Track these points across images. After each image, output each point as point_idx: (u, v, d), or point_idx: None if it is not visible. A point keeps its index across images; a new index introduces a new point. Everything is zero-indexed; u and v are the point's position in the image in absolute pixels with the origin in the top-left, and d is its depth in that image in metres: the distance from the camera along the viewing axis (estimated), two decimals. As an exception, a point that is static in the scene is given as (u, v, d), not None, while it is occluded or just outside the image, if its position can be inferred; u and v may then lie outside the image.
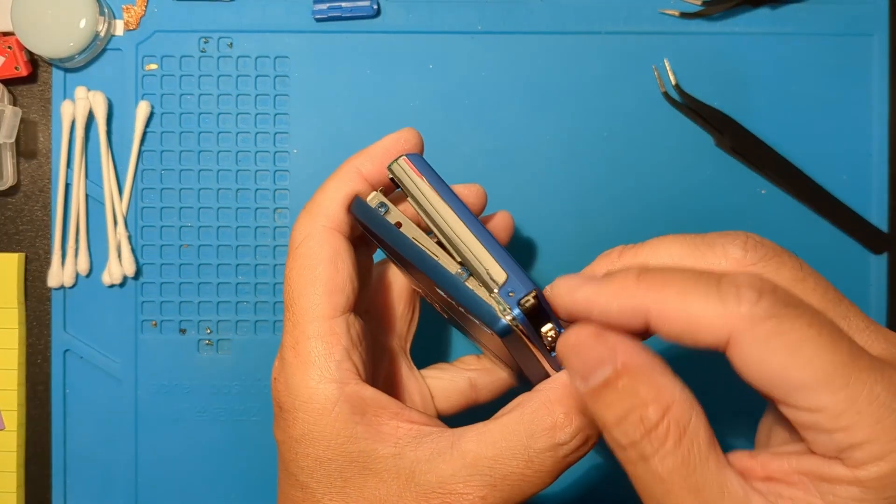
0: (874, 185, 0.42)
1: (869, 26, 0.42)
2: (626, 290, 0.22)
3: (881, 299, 0.42)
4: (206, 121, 0.42)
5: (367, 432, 0.26)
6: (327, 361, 0.26)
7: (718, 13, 0.41)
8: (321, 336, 0.26)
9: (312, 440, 0.26)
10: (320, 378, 0.26)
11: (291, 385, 0.26)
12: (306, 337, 0.26)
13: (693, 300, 0.21)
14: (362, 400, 0.26)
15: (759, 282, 0.21)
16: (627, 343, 0.22)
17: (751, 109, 0.42)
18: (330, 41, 0.42)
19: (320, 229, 0.27)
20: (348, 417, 0.25)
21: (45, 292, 0.42)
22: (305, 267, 0.27)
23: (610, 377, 0.22)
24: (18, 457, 0.42)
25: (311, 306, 0.26)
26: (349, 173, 0.28)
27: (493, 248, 0.26)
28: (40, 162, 0.42)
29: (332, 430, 0.25)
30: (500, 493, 0.25)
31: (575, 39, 0.42)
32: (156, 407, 0.42)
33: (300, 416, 0.26)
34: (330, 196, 0.28)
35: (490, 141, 0.42)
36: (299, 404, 0.26)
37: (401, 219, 0.28)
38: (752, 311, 0.20)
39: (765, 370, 0.20)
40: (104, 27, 0.41)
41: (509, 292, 0.25)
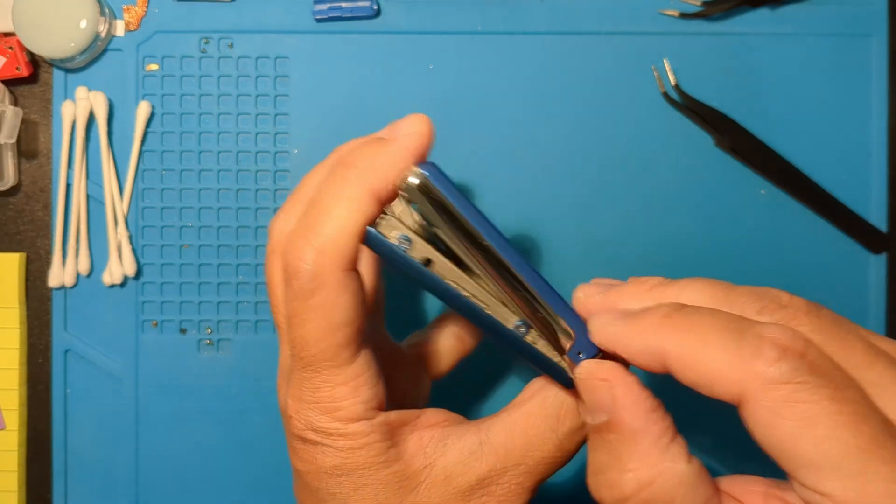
0: (873, 185, 0.42)
1: (868, 27, 0.42)
2: (650, 330, 0.21)
3: (880, 299, 0.42)
4: (207, 121, 0.42)
5: (398, 453, 0.26)
6: (355, 405, 0.25)
7: (718, 13, 0.41)
8: (347, 382, 0.25)
9: (346, 471, 0.25)
10: (349, 418, 0.25)
11: (317, 425, 0.25)
12: (331, 385, 0.25)
13: (711, 350, 0.20)
14: (389, 425, 0.26)
15: (789, 338, 0.19)
16: (632, 395, 0.21)
17: (750, 109, 0.42)
18: (330, 41, 0.42)
19: (339, 275, 0.24)
20: (381, 446, 0.25)
21: (46, 292, 0.42)
22: (326, 319, 0.24)
23: (601, 425, 0.22)
24: (19, 456, 0.42)
25: (334, 356, 0.24)
26: (367, 202, 0.24)
27: (552, 299, 0.24)
28: (41, 162, 0.42)
29: (365, 460, 0.25)
30: (536, 476, 0.26)
31: (575, 39, 0.42)
32: (156, 407, 0.42)
33: (330, 451, 0.25)
34: (341, 227, 0.23)
35: (490, 141, 0.42)
36: (329, 441, 0.25)
37: (430, 254, 0.25)
38: (768, 371, 0.19)
39: (774, 438, 0.19)
40: (105, 28, 0.41)
41: (579, 353, 0.24)
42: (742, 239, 0.42)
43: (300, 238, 0.24)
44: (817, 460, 0.18)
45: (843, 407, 0.18)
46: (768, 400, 0.19)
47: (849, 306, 0.42)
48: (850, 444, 0.18)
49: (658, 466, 0.20)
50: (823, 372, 0.19)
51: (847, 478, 0.18)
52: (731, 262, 0.42)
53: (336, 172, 0.24)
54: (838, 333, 0.20)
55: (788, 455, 0.19)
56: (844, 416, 0.18)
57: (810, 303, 0.21)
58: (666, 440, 0.21)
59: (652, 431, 0.21)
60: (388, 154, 0.24)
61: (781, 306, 0.21)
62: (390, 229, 0.24)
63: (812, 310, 0.21)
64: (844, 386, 0.19)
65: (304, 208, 0.25)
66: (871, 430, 0.18)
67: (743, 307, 0.22)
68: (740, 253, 0.42)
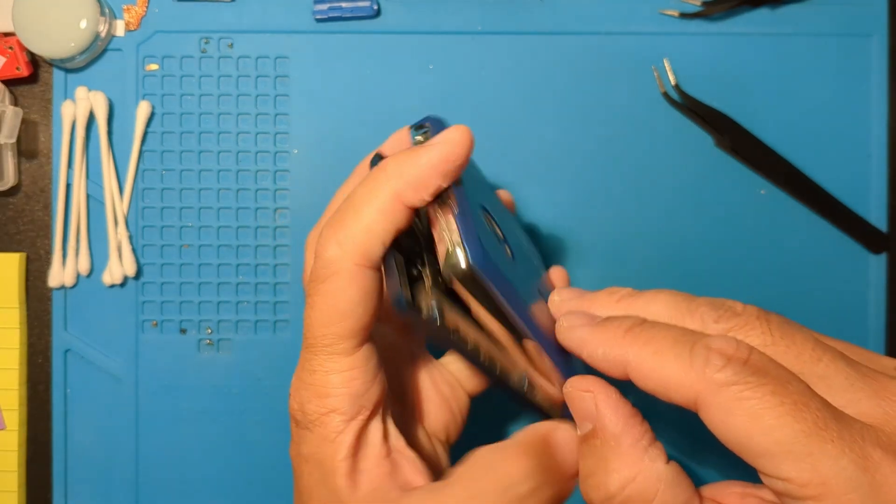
0: (873, 185, 0.42)
1: (868, 26, 0.42)
2: (612, 340, 0.24)
3: (880, 299, 0.42)
4: (207, 121, 0.42)
5: (352, 471, 0.26)
6: (343, 395, 0.26)
7: (718, 13, 0.41)
8: (340, 371, 0.26)
9: (316, 462, 0.26)
10: (334, 408, 0.26)
11: (307, 407, 0.26)
12: (325, 371, 0.26)
13: (666, 361, 0.22)
14: (362, 438, 0.26)
15: (733, 347, 0.22)
16: (611, 403, 0.24)
17: (751, 109, 0.42)
18: (330, 41, 0.42)
19: (352, 267, 0.25)
20: (347, 449, 0.26)
21: (46, 292, 0.42)
22: (331, 306, 0.25)
23: (588, 434, 0.24)
24: (19, 456, 0.42)
25: (334, 343, 0.26)
26: (392, 205, 0.25)
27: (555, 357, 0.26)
28: (41, 162, 0.42)
29: (329, 456, 0.26)
30: None
31: (575, 39, 0.42)
32: (156, 407, 0.42)
33: (308, 437, 0.26)
34: (367, 228, 0.25)
35: (490, 141, 0.42)
36: (310, 427, 0.26)
37: (458, 321, 0.26)
38: (716, 376, 0.21)
39: (730, 435, 0.21)
40: (105, 27, 0.41)
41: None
42: (742, 239, 0.42)
43: (328, 228, 0.25)
44: (770, 448, 0.20)
45: (784, 398, 0.20)
46: (720, 400, 0.21)
47: (849, 306, 0.42)
48: (796, 430, 0.20)
49: (638, 465, 0.22)
50: (765, 371, 0.21)
51: (799, 460, 0.20)
52: (731, 262, 0.42)
53: (370, 174, 0.26)
54: (787, 334, 0.23)
55: (746, 448, 0.21)
56: (787, 405, 0.20)
57: (761, 310, 0.24)
58: (644, 443, 0.23)
59: (631, 434, 0.23)
60: (419, 161, 0.25)
61: (736, 314, 0.24)
62: (431, 307, 0.25)
63: (762, 315, 0.23)
64: (785, 380, 0.21)
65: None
66: (813, 416, 0.20)
67: (702, 317, 0.24)
68: (740, 253, 0.42)
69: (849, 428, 0.20)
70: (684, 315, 0.24)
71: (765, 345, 0.23)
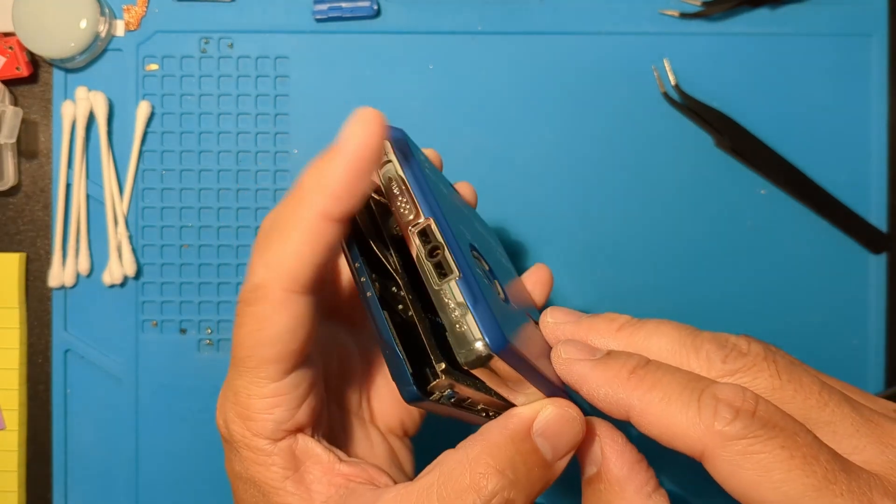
0: (874, 185, 0.42)
1: (868, 26, 0.42)
2: (615, 381, 0.23)
3: (880, 299, 0.42)
4: (207, 121, 0.42)
5: (297, 488, 0.25)
6: (266, 421, 0.25)
7: (718, 13, 0.41)
8: (264, 397, 0.25)
9: (249, 481, 0.26)
10: (257, 432, 0.25)
11: (231, 427, 0.25)
12: (248, 394, 0.25)
13: (673, 409, 0.22)
14: (294, 455, 0.25)
15: (741, 398, 0.21)
16: (616, 448, 0.23)
17: (751, 109, 0.42)
18: (330, 41, 0.42)
19: (280, 294, 0.23)
20: (281, 471, 0.25)
21: (46, 292, 0.42)
22: (258, 330, 0.24)
23: (592, 477, 0.23)
24: (19, 456, 0.42)
25: (258, 367, 0.24)
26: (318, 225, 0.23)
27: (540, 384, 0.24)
28: (41, 162, 0.42)
29: (265, 478, 0.25)
30: None
31: (575, 39, 0.42)
32: (156, 406, 0.42)
33: (237, 458, 0.26)
34: (295, 252, 0.23)
35: (490, 141, 0.42)
36: (237, 447, 0.25)
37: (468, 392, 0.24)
38: (724, 430, 0.21)
39: (739, 488, 0.21)
40: (105, 27, 0.41)
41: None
42: (742, 239, 0.42)
43: (256, 249, 0.24)
44: (780, 502, 0.20)
45: (794, 452, 0.20)
46: (728, 454, 0.21)
47: (848, 306, 0.42)
48: (806, 484, 0.20)
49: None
50: (773, 423, 0.21)
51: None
52: (731, 261, 0.42)
53: (292, 191, 0.24)
54: (794, 377, 0.22)
55: (754, 501, 0.21)
56: (797, 459, 0.20)
57: (767, 347, 0.23)
58: (649, 489, 0.23)
59: (636, 480, 0.23)
60: (333, 171, 0.23)
61: (742, 354, 0.23)
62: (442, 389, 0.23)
63: (769, 356, 0.23)
64: (794, 432, 0.21)
65: None
66: (822, 469, 0.20)
67: (708, 356, 0.23)
68: (740, 253, 0.42)
69: (857, 479, 0.20)
70: (689, 353, 0.24)
71: (773, 388, 0.22)
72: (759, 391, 0.22)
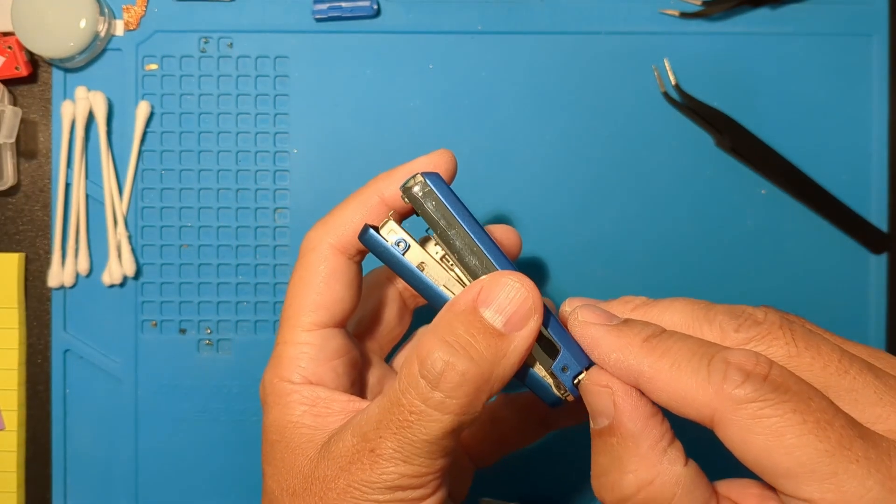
0: (874, 185, 0.42)
1: (869, 26, 0.42)
2: (628, 347, 0.23)
3: (881, 299, 0.42)
4: (206, 121, 0.42)
5: (316, 423, 0.27)
6: (290, 367, 0.27)
7: (718, 13, 0.41)
8: (294, 344, 0.28)
9: (277, 429, 0.27)
10: (281, 377, 0.27)
11: (263, 381, 0.28)
12: (283, 341, 0.28)
13: (683, 375, 0.21)
14: (317, 398, 0.27)
15: (752, 361, 0.21)
16: (631, 401, 0.22)
17: (751, 109, 0.42)
18: (330, 41, 0.42)
19: (326, 246, 0.28)
20: (303, 410, 0.27)
21: (46, 292, 0.42)
22: (302, 279, 0.28)
23: (603, 430, 0.23)
24: (19, 456, 0.42)
25: (296, 316, 0.28)
26: (369, 196, 0.28)
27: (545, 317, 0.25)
28: (40, 162, 0.42)
29: (288, 419, 0.27)
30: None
31: (575, 39, 0.42)
32: (156, 407, 0.42)
33: (266, 408, 0.28)
34: (346, 216, 0.28)
35: (490, 141, 0.42)
36: (267, 398, 0.28)
37: (424, 258, 0.26)
38: (735, 392, 0.20)
39: (749, 454, 0.20)
40: (104, 27, 0.41)
41: (563, 367, 0.25)
42: (742, 239, 0.42)
43: (318, 222, 0.29)
44: (792, 468, 0.20)
45: (806, 416, 0.20)
46: (738, 418, 0.20)
47: (849, 306, 0.42)
48: (819, 449, 0.19)
49: (657, 468, 0.21)
50: (786, 388, 0.20)
51: (822, 480, 0.19)
52: (731, 261, 0.42)
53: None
54: (812, 344, 0.22)
55: (766, 467, 0.20)
56: (809, 423, 0.20)
57: (784, 316, 0.23)
58: (664, 444, 0.22)
59: (651, 435, 0.22)
60: (402, 166, 0.28)
61: (756, 323, 0.22)
62: (390, 233, 0.26)
63: (785, 324, 0.22)
64: (807, 397, 0.20)
65: None
66: (837, 434, 0.19)
67: (721, 326, 0.23)
68: (740, 253, 0.42)
69: (875, 447, 0.19)
70: (702, 324, 0.23)
71: (789, 356, 0.22)
72: (774, 359, 0.21)
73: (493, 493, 0.41)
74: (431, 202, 0.25)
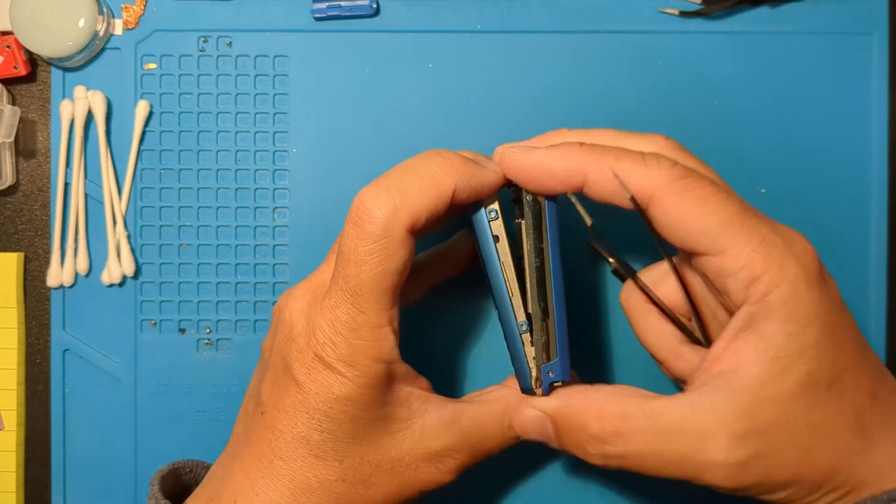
0: (874, 184, 0.42)
1: (869, 25, 0.42)
2: (570, 153, 0.29)
3: (881, 299, 0.42)
4: (206, 120, 0.42)
5: (393, 398, 0.31)
6: (384, 347, 0.29)
7: (718, 12, 0.41)
8: (383, 325, 0.29)
9: (354, 402, 0.29)
10: (377, 358, 0.29)
11: (349, 359, 0.29)
12: (371, 326, 0.29)
13: (624, 165, 0.28)
14: (396, 374, 0.30)
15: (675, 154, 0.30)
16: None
17: (750, 108, 0.41)
18: (329, 40, 0.42)
19: (405, 234, 0.28)
20: (384, 389, 0.30)
21: (45, 292, 0.42)
22: (382, 264, 0.28)
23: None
24: (18, 456, 0.42)
25: (379, 299, 0.29)
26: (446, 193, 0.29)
27: (560, 327, 0.31)
28: (39, 161, 0.42)
29: (370, 398, 0.30)
30: (475, 459, 0.32)
31: (574, 38, 0.42)
32: (155, 407, 0.42)
33: (346, 383, 0.29)
34: (423, 199, 0.29)
35: (490, 141, 0.42)
36: (353, 375, 0.29)
37: (500, 233, 0.31)
38: (670, 172, 0.28)
39: (680, 220, 0.27)
40: (103, 26, 0.40)
41: (549, 371, 0.31)
42: (742, 238, 0.42)
43: (384, 190, 0.28)
44: (713, 226, 0.27)
45: (719, 189, 0.28)
46: (672, 192, 0.27)
47: (849, 306, 0.42)
48: (732, 210, 0.27)
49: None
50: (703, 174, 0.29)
51: (735, 232, 0.27)
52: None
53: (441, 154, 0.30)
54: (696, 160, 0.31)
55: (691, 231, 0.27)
56: (722, 194, 0.28)
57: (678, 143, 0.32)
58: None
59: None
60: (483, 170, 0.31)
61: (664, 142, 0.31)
62: (490, 207, 0.31)
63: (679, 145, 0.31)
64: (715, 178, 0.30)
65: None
66: (739, 201, 0.28)
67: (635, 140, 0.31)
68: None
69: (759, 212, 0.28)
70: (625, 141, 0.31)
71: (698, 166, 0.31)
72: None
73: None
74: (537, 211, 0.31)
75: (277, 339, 0.32)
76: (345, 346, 0.29)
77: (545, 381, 0.31)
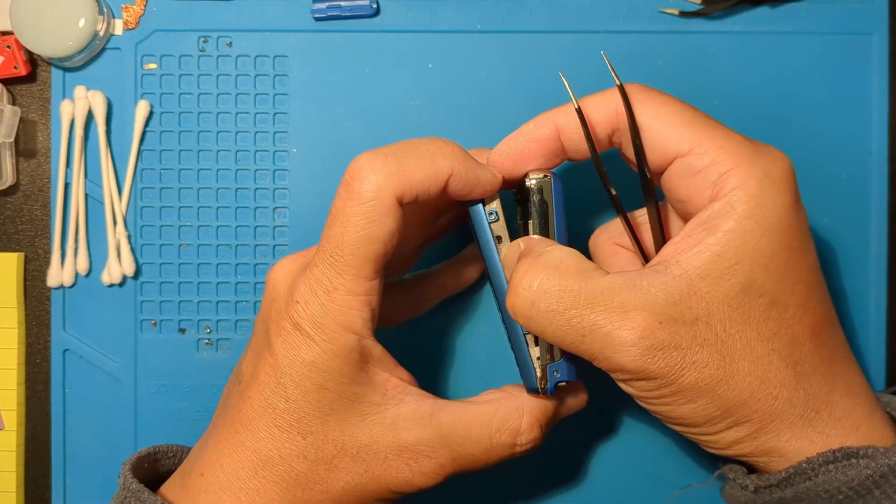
0: (874, 184, 0.42)
1: (869, 25, 0.42)
2: (540, 117, 0.32)
3: (881, 299, 0.42)
4: (206, 120, 0.42)
5: (364, 379, 0.30)
6: (356, 317, 0.29)
7: (718, 12, 0.41)
8: (359, 294, 0.29)
9: (320, 370, 0.29)
10: (348, 327, 0.29)
11: (319, 321, 0.28)
12: (346, 291, 0.28)
13: (586, 100, 0.31)
14: (370, 353, 0.30)
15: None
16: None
17: (750, 108, 0.41)
18: (329, 40, 0.42)
19: (394, 202, 0.28)
20: (356, 364, 0.29)
21: (45, 292, 0.42)
22: (367, 227, 0.28)
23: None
24: (18, 456, 0.42)
25: (360, 264, 0.28)
26: (442, 175, 0.29)
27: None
28: (39, 161, 0.42)
29: (339, 368, 0.29)
30: (456, 466, 0.31)
31: (575, 39, 0.42)
32: (155, 406, 0.42)
33: (315, 347, 0.29)
34: (418, 173, 0.29)
35: (490, 141, 0.42)
36: (321, 340, 0.29)
37: (503, 234, 0.32)
38: (630, 89, 0.30)
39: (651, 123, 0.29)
40: (103, 26, 0.40)
41: (554, 370, 0.31)
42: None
43: (382, 156, 0.28)
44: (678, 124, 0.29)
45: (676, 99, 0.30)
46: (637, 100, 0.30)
47: (849, 306, 0.42)
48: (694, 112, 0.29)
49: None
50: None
51: (700, 130, 0.28)
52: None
53: (444, 140, 0.31)
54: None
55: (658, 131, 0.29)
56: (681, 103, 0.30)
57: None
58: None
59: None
60: (484, 168, 0.32)
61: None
62: (490, 202, 0.32)
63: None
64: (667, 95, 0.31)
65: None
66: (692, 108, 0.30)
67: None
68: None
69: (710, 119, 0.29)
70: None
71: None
72: None
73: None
74: (545, 198, 0.32)
75: (262, 303, 0.32)
76: (317, 307, 0.28)
77: (550, 380, 0.31)
